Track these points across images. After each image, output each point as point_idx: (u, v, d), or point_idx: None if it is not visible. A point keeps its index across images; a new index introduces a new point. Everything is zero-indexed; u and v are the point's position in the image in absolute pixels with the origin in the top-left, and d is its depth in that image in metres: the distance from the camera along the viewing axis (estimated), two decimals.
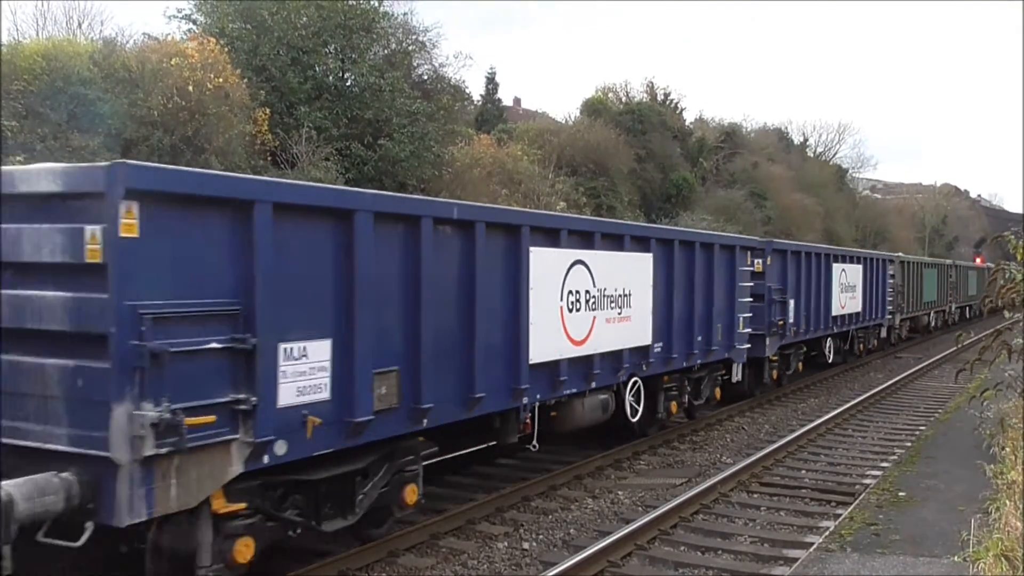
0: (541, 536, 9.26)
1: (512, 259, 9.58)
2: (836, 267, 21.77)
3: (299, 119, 22.18)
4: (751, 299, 16.14)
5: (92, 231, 5.82)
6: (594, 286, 11.08)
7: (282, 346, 6.79)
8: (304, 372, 7.01)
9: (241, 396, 6.45)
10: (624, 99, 45.69)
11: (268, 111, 21.60)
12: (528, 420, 10.26)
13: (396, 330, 8.01)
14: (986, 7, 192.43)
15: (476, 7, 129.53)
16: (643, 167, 39.22)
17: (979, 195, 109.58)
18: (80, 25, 24.22)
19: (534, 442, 10.61)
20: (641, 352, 12.37)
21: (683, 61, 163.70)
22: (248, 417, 6.50)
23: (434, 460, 9.03)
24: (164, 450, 5.87)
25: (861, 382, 22.26)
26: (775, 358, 18.53)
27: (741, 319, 15.49)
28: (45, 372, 6.08)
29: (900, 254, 32.99)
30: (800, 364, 20.83)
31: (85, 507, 5.85)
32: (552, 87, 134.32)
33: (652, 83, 48.15)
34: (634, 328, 12.04)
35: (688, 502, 10.07)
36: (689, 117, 51.51)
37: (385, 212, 7.82)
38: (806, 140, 69.05)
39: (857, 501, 9.75)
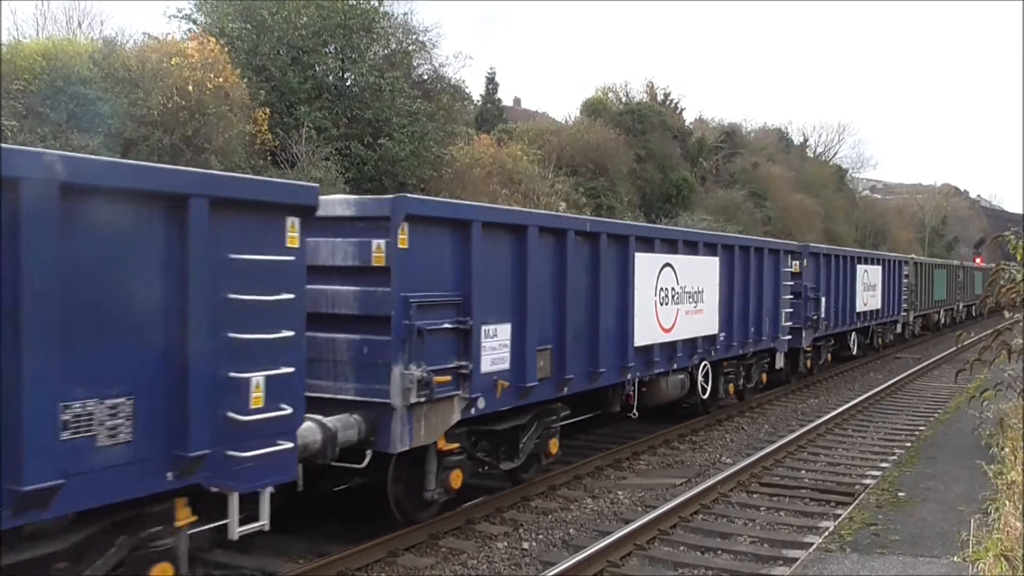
0: (541, 536, 9.26)
1: (622, 263, 12.01)
2: (860, 268, 24.07)
3: (299, 119, 22.18)
4: (791, 296, 18.51)
5: (378, 243, 8.21)
6: (677, 284, 13.53)
7: (484, 327, 9.16)
8: (495, 348, 9.42)
9: (462, 363, 8.86)
10: (624, 99, 45.72)
11: (268, 111, 21.60)
12: (631, 392, 12.78)
13: (549, 318, 10.36)
14: (986, 7, 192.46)
15: (476, 7, 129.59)
16: (643, 167, 39.23)
17: (979, 195, 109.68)
18: (80, 25, 24.25)
19: (635, 411, 13.08)
20: (710, 340, 14.78)
21: (683, 61, 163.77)
22: (465, 379, 8.89)
23: (567, 422, 11.53)
24: (421, 400, 8.25)
25: (861, 382, 22.26)
26: (809, 349, 20.83)
27: (784, 313, 17.93)
28: (336, 344, 8.33)
29: (913, 256, 35.80)
30: (829, 355, 23.06)
31: (368, 439, 8.14)
32: (552, 87, 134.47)
33: (652, 83, 48.24)
34: (705, 320, 14.49)
35: (688, 502, 10.07)
36: (689, 117, 51.59)
37: (545, 227, 10.27)
38: (806, 140, 69.18)
39: (857, 501, 9.75)
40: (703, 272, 14.41)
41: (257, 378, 6.34)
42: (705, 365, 14.69)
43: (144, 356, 5.72)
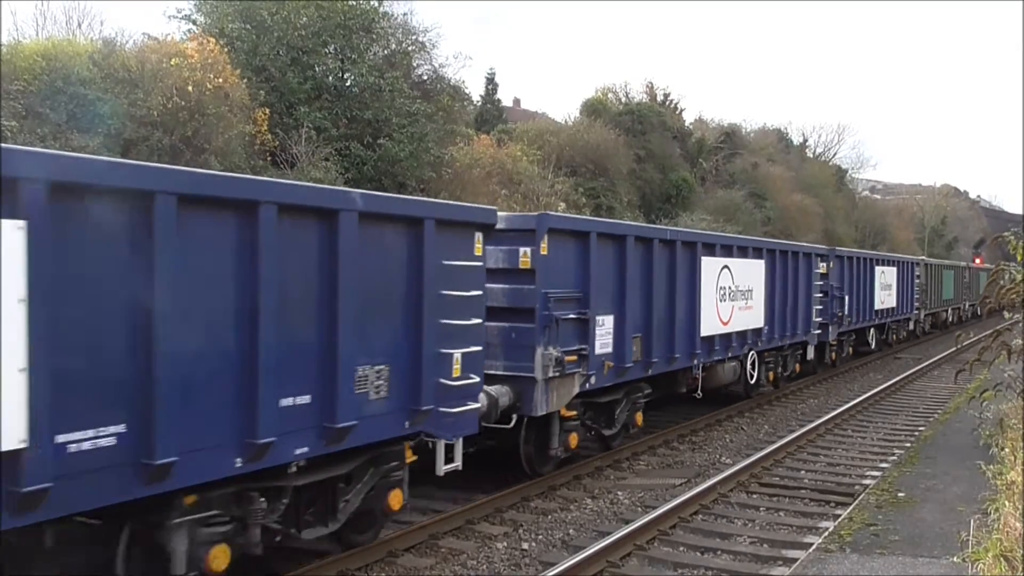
0: (540, 536, 9.26)
1: (691, 265, 14.29)
2: (878, 269, 26.59)
3: (299, 119, 22.17)
4: (820, 295, 20.74)
5: (524, 250, 10.47)
6: (733, 283, 15.71)
7: (597, 317, 11.52)
8: (604, 334, 11.72)
9: (583, 347, 11.20)
10: (624, 99, 45.69)
11: (268, 111, 21.59)
12: (697, 376, 14.67)
13: (639, 311, 12.62)
14: (986, 7, 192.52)
15: (476, 7, 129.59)
16: (643, 167, 39.21)
17: (978, 196, 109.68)
18: (80, 25, 24.22)
19: (699, 392, 14.91)
20: (757, 332, 17.11)
21: (683, 61, 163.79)
22: (584, 359, 11.18)
23: (649, 398, 13.68)
24: (556, 375, 10.55)
25: (860, 382, 22.27)
26: (835, 343, 23.07)
27: (814, 310, 20.31)
28: (489, 330, 9.79)
29: (924, 258, 38.22)
30: (851, 349, 25.57)
31: (515, 405, 10.29)
32: (552, 87, 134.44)
33: (652, 83, 48.23)
34: (754, 314, 16.75)
35: (687, 502, 10.08)
36: (689, 117, 51.54)
37: (638, 236, 12.75)
38: (806, 140, 69.13)
39: (856, 502, 9.75)
40: (752, 273, 16.71)
41: (457, 354, 8.52)
42: (752, 354, 17.12)
43: (395, 336, 7.89)
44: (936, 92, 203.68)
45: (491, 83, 42.42)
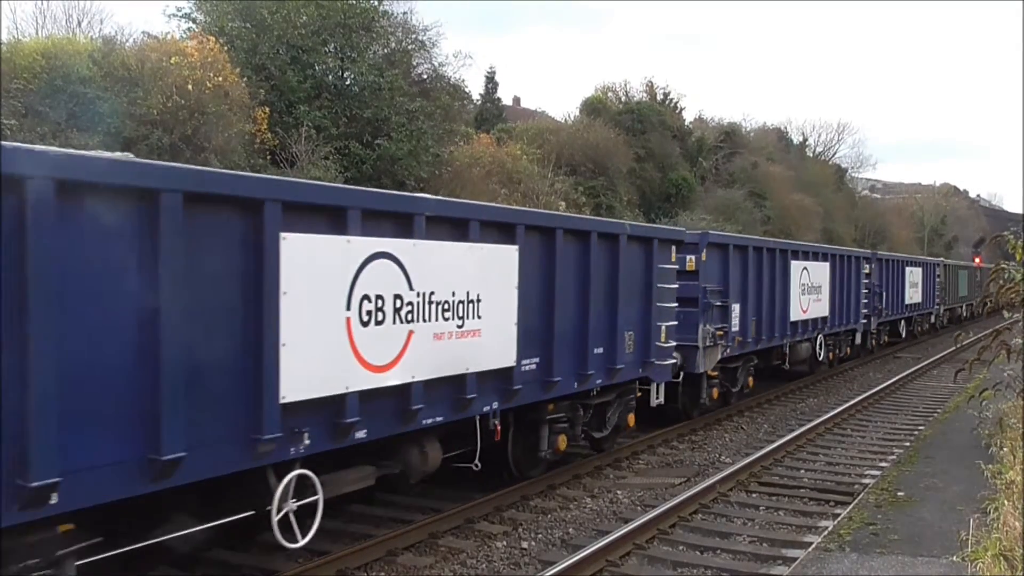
0: (540, 535, 9.26)
1: (784, 267, 18.61)
2: (907, 269, 30.93)
3: (298, 118, 22.17)
4: (866, 291, 25.08)
5: (691, 258, 14.70)
6: (809, 281, 20.05)
7: (732, 305, 15.84)
8: (736, 317, 16.04)
9: (724, 325, 15.35)
10: (623, 99, 45.68)
11: (267, 110, 21.59)
12: (786, 352, 19.07)
13: (754, 300, 17.08)
14: (986, 7, 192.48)
15: (476, 6, 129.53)
16: (642, 167, 39.22)
17: (978, 195, 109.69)
18: (80, 24, 24.27)
19: (786, 364, 19.32)
20: (824, 320, 21.37)
21: (682, 61, 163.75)
22: (724, 335, 15.36)
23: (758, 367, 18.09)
24: (710, 344, 14.83)
25: (860, 382, 22.28)
26: (875, 331, 27.18)
27: (862, 302, 24.73)
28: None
29: (942, 259, 42.22)
30: (886, 337, 29.69)
31: (683, 365, 14.33)
32: (551, 86, 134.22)
33: (651, 83, 48.14)
34: (822, 306, 21.09)
35: (687, 502, 10.08)
36: (688, 117, 51.51)
37: (756, 246, 17.57)
38: (805, 140, 69.12)
39: (856, 501, 9.75)
40: (821, 273, 20.96)
41: (664, 326, 12.70)
42: (820, 337, 21.21)
43: (637, 313, 12.04)
44: (936, 91, 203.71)
45: (491, 82, 42.45)
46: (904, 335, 32.12)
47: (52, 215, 5.18)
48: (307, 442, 7.02)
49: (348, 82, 24.57)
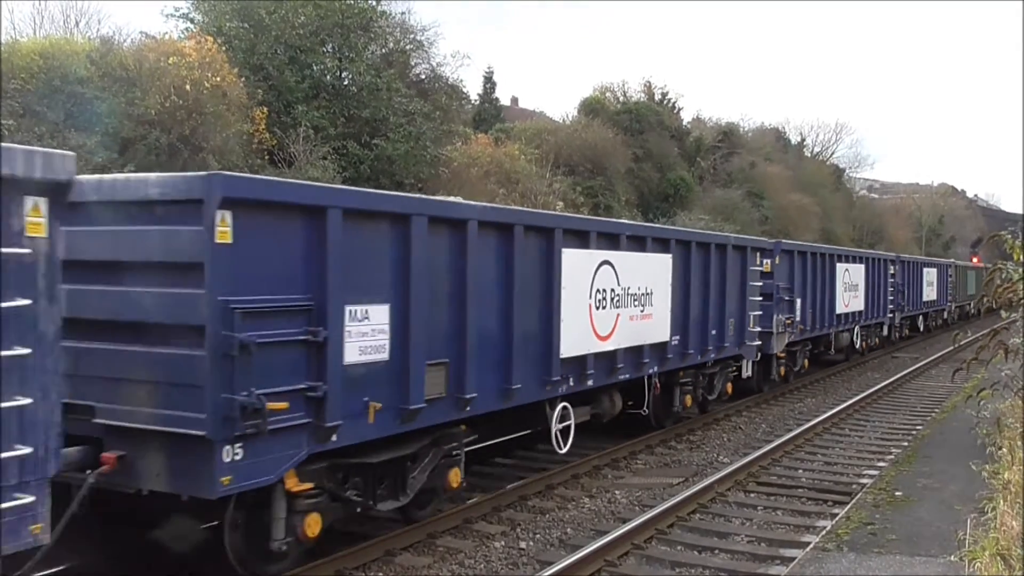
0: (538, 535, 9.25)
1: (832, 268, 22.22)
2: (924, 270, 34.76)
3: (296, 118, 22.17)
4: (891, 289, 28.71)
5: (767, 261, 17.93)
6: (850, 279, 23.75)
7: (796, 299, 19.31)
8: (800, 307, 19.36)
9: (791, 316, 18.87)
10: (621, 99, 45.68)
11: (265, 110, 21.59)
12: (831, 340, 22.79)
13: (810, 296, 20.48)
14: (984, 7, 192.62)
15: (474, 6, 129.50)
16: (640, 167, 39.23)
17: (976, 195, 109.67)
18: (77, 24, 24.25)
19: (832, 350, 23.49)
20: (860, 313, 25.02)
21: (680, 61, 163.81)
22: (791, 324, 18.67)
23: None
24: (780, 331, 18.34)
25: (858, 381, 22.29)
26: (898, 325, 30.80)
27: (888, 299, 28.38)
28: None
29: (953, 260, 46.68)
30: (906, 330, 33.39)
31: (761, 347, 17.30)
32: (550, 87, 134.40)
33: (649, 83, 48.16)
34: (859, 301, 24.77)
35: (685, 501, 10.07)
36: (686, 117, 51.53)
37: (812, 252, 21.10)
38: (803, 140, 69.15)
39: (854, 501, 9.75)
40: (858, 273, 24.68)
41: (752, 315, 16.17)
42: (857, 328, 24.91)
43: (736, 304, 15.54)
44: (933, 91, 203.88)
45: (489, 82, 42.42)
46: (922, 329, 35.69)
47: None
48: (570, 384, 10.85)
49: (346, 82, 24.58)
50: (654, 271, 12.77)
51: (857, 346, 25.24)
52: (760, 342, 16.98)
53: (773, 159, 54.48)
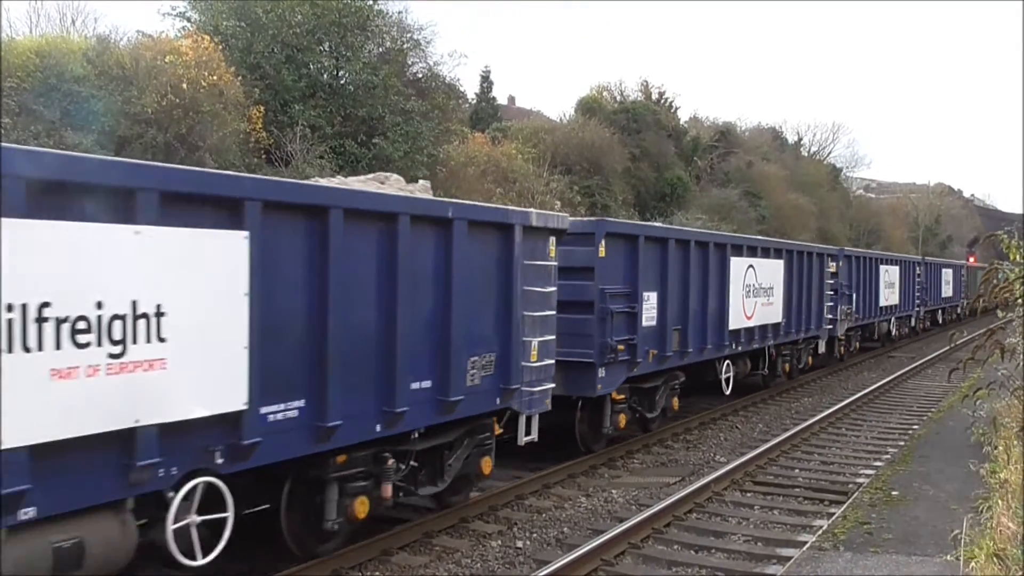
0: (535, 534, 9.26)
1: (875, 269, 26.71)
2: (943, 271, 40.08)
3: (293, 117, 22.12)
4: (917, 286, 33.65)
5: (833, 264, 22.70)
6: (888, 279, 28.11)
7: (853, 294, 24.17)
8: (854, 302, 24.31)
9: (850, 307, 23.76)
10: (619, 98, 45.63)
11: (262, 109, 21.52)
12: (874, 328, 28.04)
13: (862, 291, 25.47)
14: (982, 7, 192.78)
15: (472, 6, 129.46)
16: (637, 166, 39.20)
17: (972, 195, 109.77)
18: (74, 22, 24.19)
19: (876, 335, 28.95)
20: (895, 307, 30.04)
21: (677, 60, 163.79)
22: (850, 313, 23.91)
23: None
24: (842, 319, 22.91)
25: (855, 381, 22.31)
26: (922, 317, 35.77)
27: (915, 296, 33.33)
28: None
29: (964, 262, 52.10)
30: (927, 322, 37.73)
31: (822, 332, 22.17)
32: (547, 86, 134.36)
33: (647, 82, 48.10)
34: (895, 297, 29.66)
35: (682, 501, 10.09)
36: (683, 116, 51.45)
37: (855, 256, 25.57)
38: (800, 139, 69.11)
39: (850, 500, 9.76)
40: (894, 274, 29.91)
41: (826, 304, 21.76)
42: (893, 319, 30.40)
43: (816, 297, 21.06)
44: (930, 91, 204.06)
45: (486, 81, 42.31)
46: (940, 321, 40.43)
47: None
48: (735, 348, 16.43)
49: (343, 81, 24.53)
50: (774, 272, 18.32)
51: (893, 334, 30.78)
52: (831, 327, 22.31)
53: (770, 159, 54.46)
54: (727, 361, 16.30)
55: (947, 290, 40.84)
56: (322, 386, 7.19)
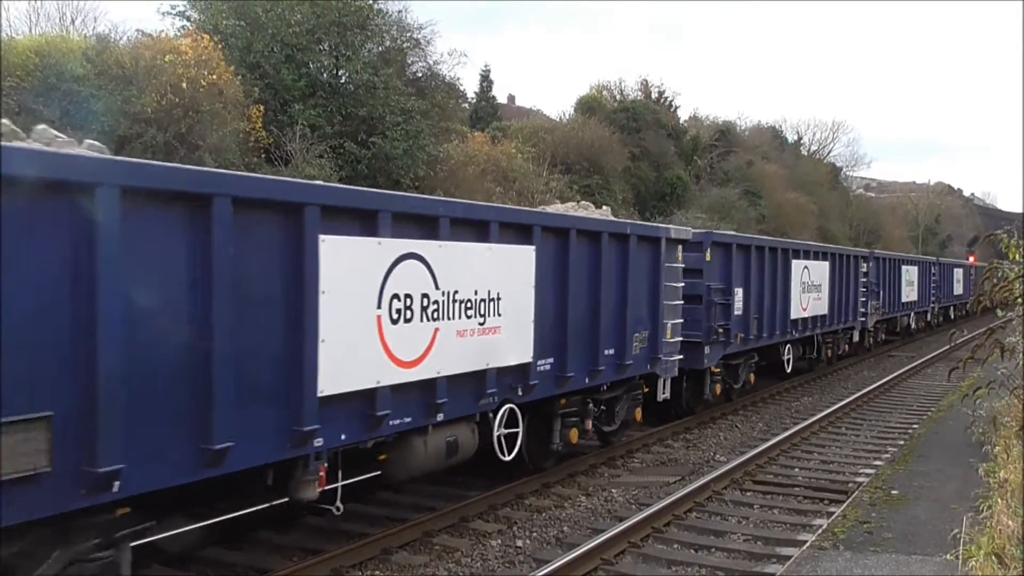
0: (534, 534, 9.26)
1: (897, 271, 29.88)
2: (954, 271, 43.40)
3: (293, 116, 22.12)
4: (933, 284, 37.03)
5: (865, 266, 26.12)
6: (909, 279, 32.66)
7: (880, 292, 27.55)
8: (881, 298, 27.74)
9: (878, 303, 27.29)
10: (618, 97, 45.66)
11: (262, 108, 21.52)
12: (897, 321, 31.64)
13: (890, 289, 29.72)
14: (981, 6, 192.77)
15: (471, 5, 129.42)
16: (637, 165, 39.21)
17: (972, 194, 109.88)
18: (73, 22, 24.21)
19: (898, 328, 32.63)
20: (915, 303, 33.32)
21: (677, 59, 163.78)
22: (879, 308, 27.85)
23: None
24: (872, 312, 26.48)
25: (854, 380, 22.31)
26: (937, 312, 38.83)
27: (930, 294, 36.49)
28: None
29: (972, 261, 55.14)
30: (941, 318, 40.22)
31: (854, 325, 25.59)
32: (546, 85, 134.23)
33: (646, 81, 48.16)
34: (914, 294, 32.84)
35: (681, 500, 10.08)
36: (683, 115, 51.50)
37: (886, 258, 29.86)
38: (800, 138, 69.14)
39: (850, 499, 9.76)
40: (914, 273, 32.89)
41: (859, 300, 24.86)
42: (912, 314, 33.41)
43: (851, 293, 24.19)
44: (931, 91, 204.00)
45: (486, 80, 42.34)
46: (952, 317, 42.72)
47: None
48: (794, 335, 19.44)
49: (343, 80, 24.53)
50: (822, 272, 21.23)
51: (912, 327, 34.16)
52: (863, 319, 25.51)
53: (770, 158, 54.48)
54: (788, 345, 19.71)
55: (958, 288, 44.40)
56: (563, 350, 10.41)
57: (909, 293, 32.16)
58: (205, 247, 6.03)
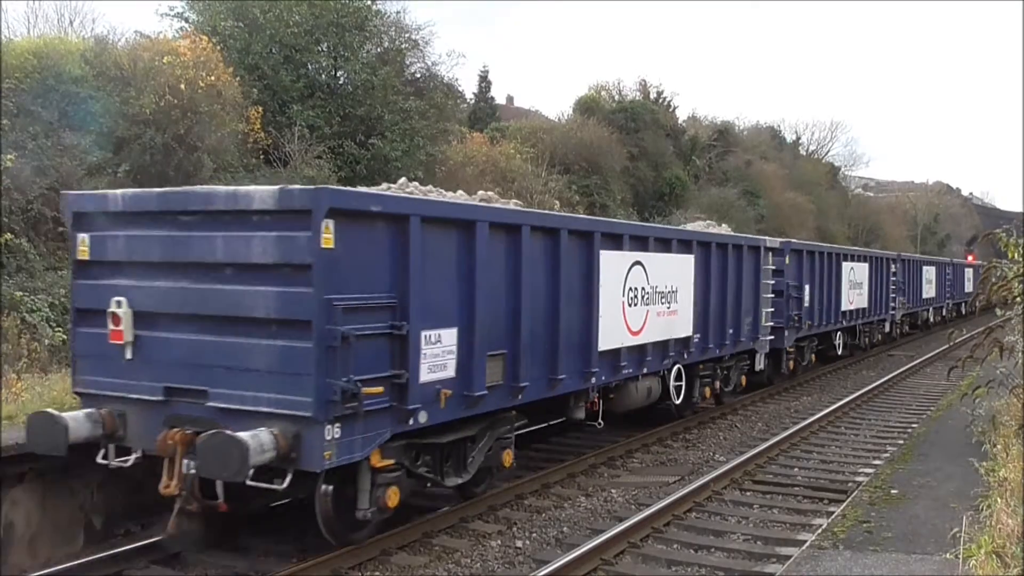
0: (534, 534, 9.25)
1: (918, 271, 33.79)
2: (965, 271, 46.66)
3: (291, 117, 22.10)
4: (948, 284, 40.36)
5: (895, 267, 30.12)
6: (928, 277, 36.17)
7: (904, 289, 31.35)
8: (904, 295, 31.49)
9: (904, 299, 31.19)
10: (617, 97, 45.65)
11: (260, 109, 21.50)
12: (917, 315, 35.11)
13: (909, 287, 32.63)
14: (980, 6, 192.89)
15: (470, 5, 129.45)
16: (636, 165, 39.20)
17: (971, 193, 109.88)
18: (71, 23, 24.21)
19: (919, 321, 35.73)
20: (933, 299, 36.70)
21: (676, 59, 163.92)
22: (904, 303, 31.37)
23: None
24: (898, 307, 30.08)
25: (854, 380, 22.30)
26: (950, 309, 41.87)
27: (946, 290, 39.78)
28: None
29: (982, 262, 64.01)
30: (954, 313, 42.96)
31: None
32: (545, 85, 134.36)
33: (645, 81, 48.14)
34: (932, 291, 36.68)
35: (681, 500, 10.08)
36: (682, 115, 51.48)
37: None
38: (799, 138, 69.18)
39: (850, 499, 9.75)
40: (931, 273, 35.94)
41: (888, 295, 28.20)
42: (931, 309, 36.24)
43: (883, 290, 27.67)
44: (929, 90, 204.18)
45: (484, 81, 42.33)
46: (963, 312, 45.05)
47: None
48: (842, 324, 23.35)
49: (341, 81, 24.52)
50: (863, 271, 24.86)
51: (930, 321, 37.45)
52: (893, 312, 28.82)
53: (768, 158, 54.51)
54: (839, 332, 23.58)
55: (968, 286, 48.45)
56: (706, 328, 14.59)
57: (928, 291, 35.95)
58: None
